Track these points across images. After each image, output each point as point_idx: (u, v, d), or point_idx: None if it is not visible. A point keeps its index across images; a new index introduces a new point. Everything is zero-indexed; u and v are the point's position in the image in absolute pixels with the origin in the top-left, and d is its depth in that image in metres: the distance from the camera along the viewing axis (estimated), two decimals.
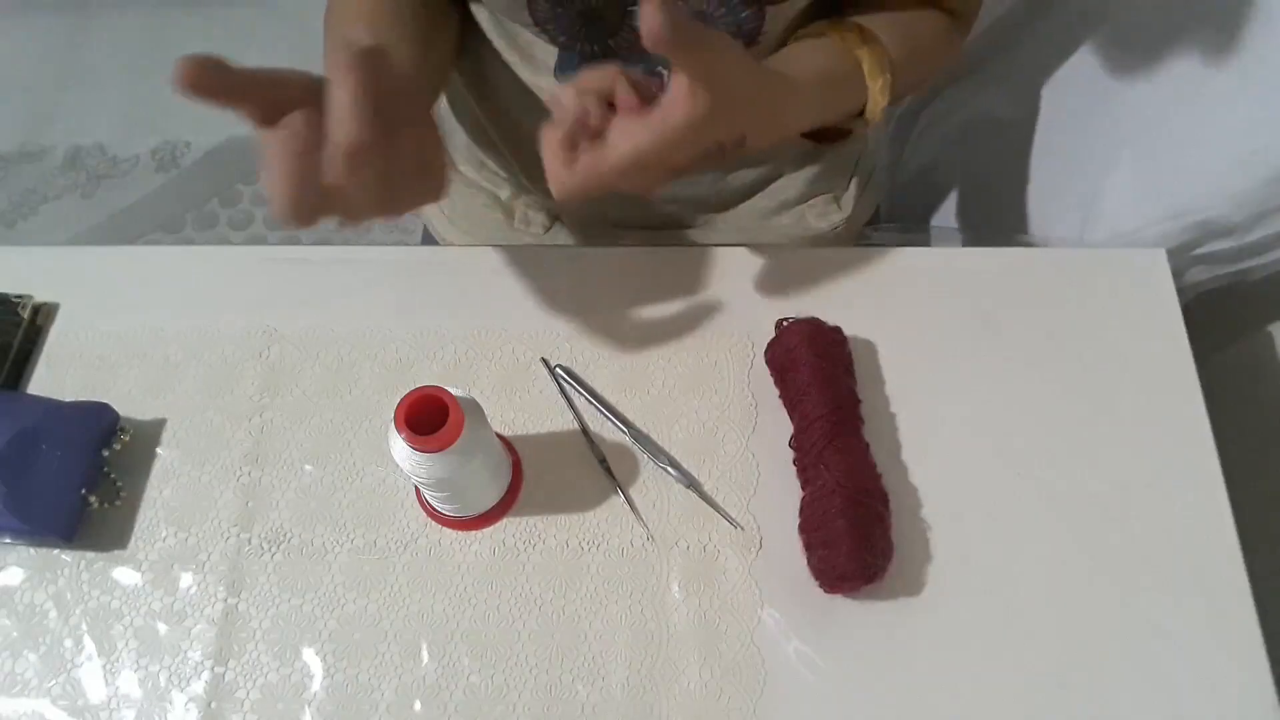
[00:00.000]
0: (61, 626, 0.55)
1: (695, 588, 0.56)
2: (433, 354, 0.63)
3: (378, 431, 0.61)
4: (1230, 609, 0.55)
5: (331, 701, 0.53)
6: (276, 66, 0.45)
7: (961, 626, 0.55)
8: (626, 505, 0.58)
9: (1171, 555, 0.56)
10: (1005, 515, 0.57)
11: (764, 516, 0.58)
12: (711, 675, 0.53)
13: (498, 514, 0.58)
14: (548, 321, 0.64)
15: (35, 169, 1.64)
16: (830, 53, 0.59)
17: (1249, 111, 0.60)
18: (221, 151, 1.67)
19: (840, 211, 0.79)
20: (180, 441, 0.60)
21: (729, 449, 0.60)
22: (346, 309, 0.65)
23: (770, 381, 0.61)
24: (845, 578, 0.53)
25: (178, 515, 0.58)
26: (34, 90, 1.72)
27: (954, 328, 0.63)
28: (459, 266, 0.67)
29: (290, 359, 0.63)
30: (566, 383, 0.62)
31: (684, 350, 0.63)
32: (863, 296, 0.65)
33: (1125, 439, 0.59)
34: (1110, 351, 0.62)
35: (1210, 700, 0.53)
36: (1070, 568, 0.56)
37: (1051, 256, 0.67)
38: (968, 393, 0.61)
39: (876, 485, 0.56)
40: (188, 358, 0.63)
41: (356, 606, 0.56)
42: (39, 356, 0.63)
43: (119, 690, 0.54)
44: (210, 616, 0.55)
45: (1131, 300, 0.64)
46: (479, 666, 0.54)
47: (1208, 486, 0.58)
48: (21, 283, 0.65)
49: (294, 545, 0.57)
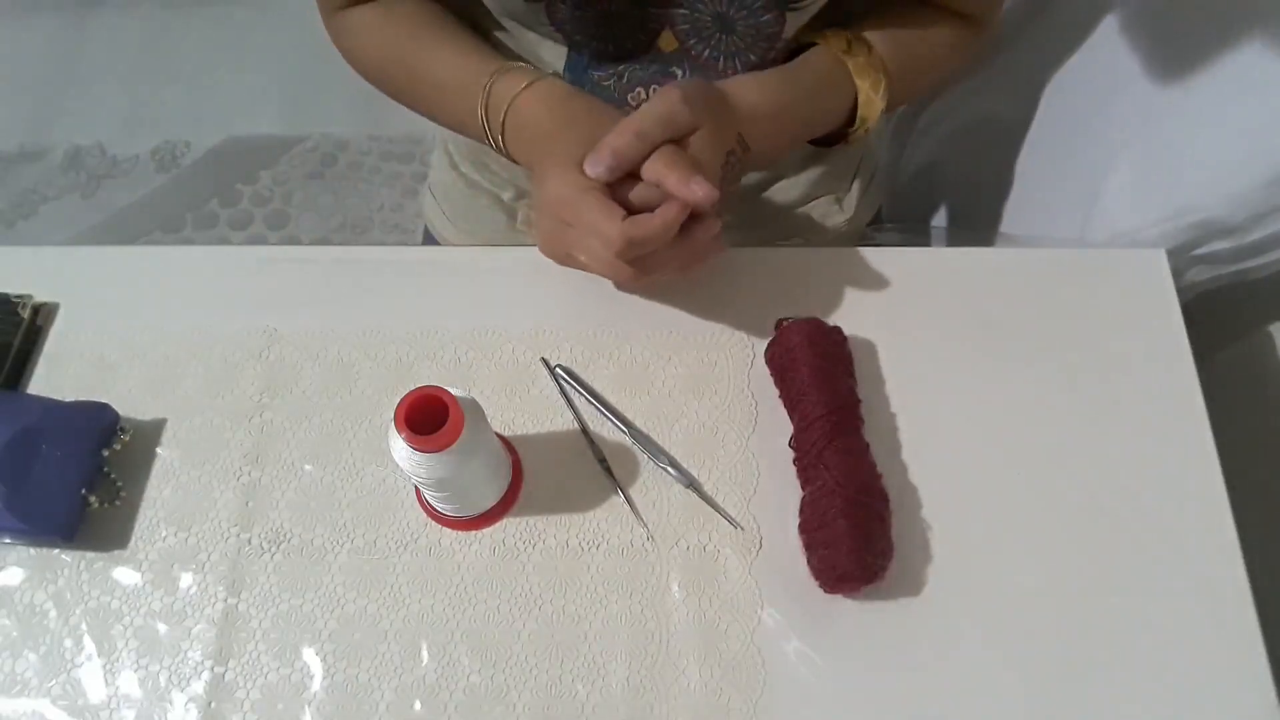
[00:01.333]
0: (61, 626, 0.55)
1: (695, 588, 0.56)
2: (433, 354, 0.63)
3: (378, 431, 0.61)
4: (1230, 609, 0.55)
5: (331, 701, 0.53)
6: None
7: (962, 626, 0.55)
8: (626, 505, 0.58)
9: (1171, 555, 0.56)
10: (1005, 515, 0.57)
11: (764, 516, 0.58)
12: (711, 675, 0.53)
13: (498, 514, 0.58)
14: (548, 321, 0.64)
15: (35, 169, 1.64)
16: (814, 63, 0.62)
17: (1249, 111, 0.60)
18: (221, 151, 1.67)
19: (842, 213, 0.79)
20: (180, 441, 0.60)
21: (729, 449, 0.60)
22: (346, 309, 0.65)
23: (770, 381, 0.61)
24: (845, 578, 0.53)
25: (178, 515, 0.58)
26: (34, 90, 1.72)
27: (954, 328, 0.63)
28: (459, 266, 0.67)
29: (290, 359, 0.63)
30: (566, 383, 0.62)
31: (684, 350, 0.63)
32: (863, 296, 0.65)
33: (1125, 439, 0.59)
34: (1110, 351, 0.62)
35: (1210, 700, 0.53)
36: (1070, 567, 0.56)
37: (1051, 256, 0.67)
38: (968, 393, 0.61)
39: (876, 485, 0.56)
40: (188, 358, 0.63)
41: (356, 606, 0.56)
42: (39, 356, 0.63)
43: (119, 690, 0.54)
44: (210, 616, 0.55)
45: (1131, 300, 0.64)
46: (479, 666, 0.54)
47: (1208, 486, 0.58)
48: (21, 283, 0.65)
49: (294, 545, 0.57)
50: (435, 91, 0.65)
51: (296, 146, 1.67)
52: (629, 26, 0.62)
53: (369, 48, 0.68)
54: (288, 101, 1.71)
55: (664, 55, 0.64)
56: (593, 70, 0.66)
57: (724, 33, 0.61)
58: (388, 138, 1.66)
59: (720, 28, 0.61)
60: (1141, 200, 0.69)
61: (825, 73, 0.63)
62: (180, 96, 1.71)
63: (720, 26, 0.61)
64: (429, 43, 0.65)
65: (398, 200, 1.62)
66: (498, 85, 0.60)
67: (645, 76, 0.65)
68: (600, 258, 0.54)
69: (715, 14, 0.60)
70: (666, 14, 0.61)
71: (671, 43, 0.63)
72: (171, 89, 1.72)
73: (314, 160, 1.66)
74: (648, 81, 0.66)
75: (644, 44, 0.63)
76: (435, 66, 0.65)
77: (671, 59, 0.64)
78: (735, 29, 0.61)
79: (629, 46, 0.64)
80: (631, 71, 0.65)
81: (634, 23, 0.62)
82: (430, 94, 0.66)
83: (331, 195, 1.62)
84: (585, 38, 0.63)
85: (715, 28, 0.61)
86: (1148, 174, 0.69)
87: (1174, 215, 0.67)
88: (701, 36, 0.62)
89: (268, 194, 1.63)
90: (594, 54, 0.65)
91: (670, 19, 0.61)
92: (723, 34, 0.61)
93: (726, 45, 0.62)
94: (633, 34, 0.62)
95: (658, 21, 0.61)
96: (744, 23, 0.60)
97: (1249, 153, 0.61)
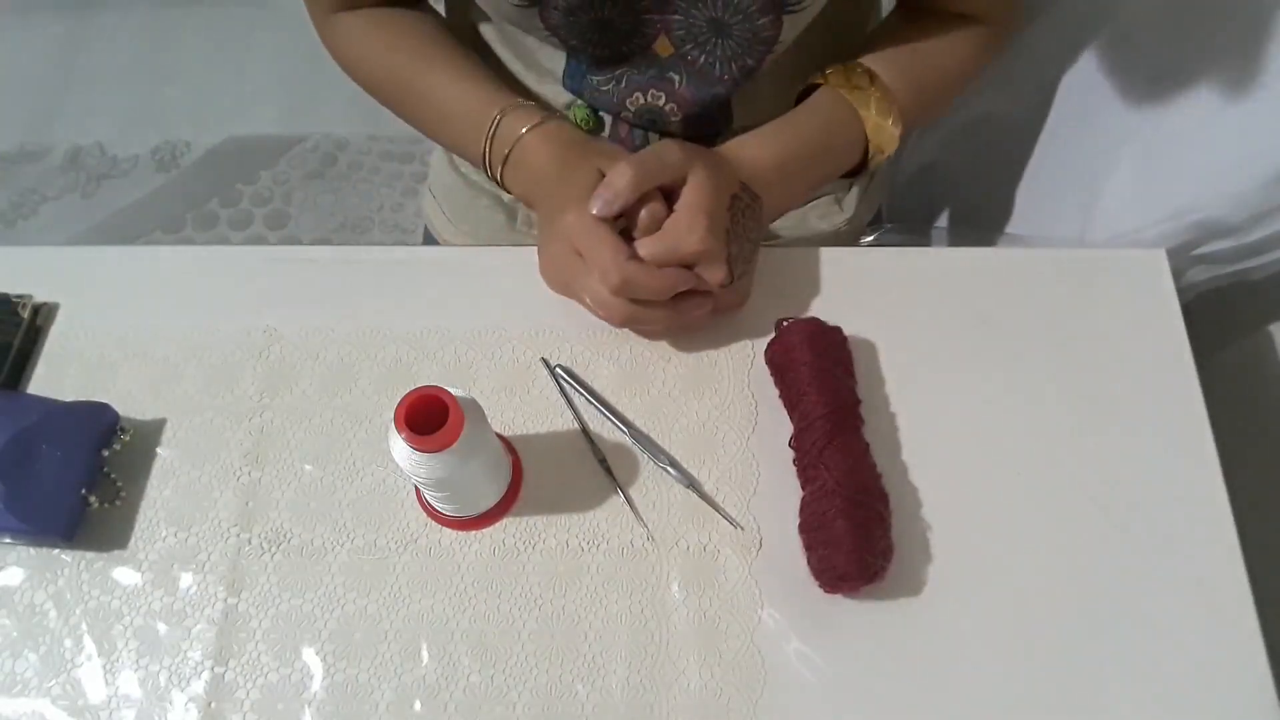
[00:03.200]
0: (61, 626, 0.55)
1: (695, 588, 0.56)
2: (433, 354, 0.63)
3: (378, 431, 0.61)
4: (1230, 609, 0.54)
5: (331, 701, 0.53)
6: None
7: (961, 626, 0.55)
8: (626, 505, 0.58)
9: (1171, 555, 0.56)
10: (1005, 515, 0.57)
11: (764, 516, 0.58)
12: (711, 675, 0.53)
13: (498, 514, 0.58)
14: (548, 321, 0.64)
15: (35, 169, 1.64)
16: (814, 105, 0.65)
17: (1249, 111, 0.60)
18: (221, 151, 1.67)
19: (842, 213, 0.79)
20: (180, 441, 0.60)
21: (729, 449, 0.60)
22: (346, 309, 0.65)
23: (770, 381, 0.61)
24: (845, 578, 0.53)
25: (178, 515, 0.58)
26: (34, 90, 1.72)
27: (954, 328, 0.63)
28: (459, 266, 0.67)
29: (290, 359, 0.63)
30: (566, 383, 0.62)
31: (684, 350, 0.63)
32: (863, 296, 0.65)
33: (1125, 439, 0.59)
34: (1110, 351, 0.62)
35: (1210, 700, 0.53)
36: (1070, 567, 0.56)
37: (1051, 256, 0.67)
38: (968, 393, 0.61)
39: (876, 485, 0.56)
40: (188, 358, 0.63)
41: (356, 606, 0.56)
42: (39, 356, 0.63)
43: (119, 690, 0.54)
44: (210, 616, 0.55)
45: (1131, 300, 0.64)
46: (479, 666, 0.54)
47: (1208, 486, 0.58)
48: (21, 283, 0.65)
49: (294, 545, 0.57)
50: (436, 115, 0.67)
51: (296, 146, 1.67)
52: (623, 32, 0.62)
53: (364, 58, 0.69)
54: (288, 101, 1.71)
55: (660, 60, 0.64)
56: (591, 75, 0.66)
57: (719, 37, 0.61)
58: (388, 138, 1.66)
59: (716, 32, 0.61)
60: (1141, 200, 0.69)
61: (828, 112, 0.64)
62: (180, 96, 1.71)
63: (716, 31, 0.61)
64: (433, 64, 0.66)
65: (398, 200, 1.62)
66: (506, 120, 0.63)
67: (643, 81, 0.65)
68: (598, 292, 0.57)
69: (710, 19, 0.60)
70: (661, 20, 0.61)
71: (667, 48, 0.63)
72: (171, 89, 1.72)
73: (314, 160, 1.66)
74: (645, 86, 0.66)
75: (639, 49, 0.63)
76: (438, 91, 0.66)
77: (668, 64, 0.64)
78: (731, 34, 0.61)
79: (624, 51, 0.64)
80: (629, 76, 0.65)
81: (628, 28, 0.61)
82: (430, 116, 0.68)
83: (331, 195, 1.63)
84: (580, 43, 0.63)
85: (711, 33, 0.61)
86: (1148, 174, 0.69)
87: (1174, 215, 0.67)
88: (697, 42, 0.62)
89: (268, 194, 1.63)
90: (591, 59, 0.65)
91: (665, 24, 0.61)
92: (718, 39, 0.61)
93: (722, 50, 0.62)
94: (627, 39, 0.62)
95: (653, 27, 0.61)
96: (740, 27, 0.60)
97: (1249, 153, 0.61)
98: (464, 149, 0.67)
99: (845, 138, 0.65)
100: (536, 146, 0.62)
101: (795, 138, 0.63)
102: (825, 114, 0.64)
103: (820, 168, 0.66)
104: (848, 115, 0.64)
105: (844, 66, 0.65)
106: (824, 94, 0.65)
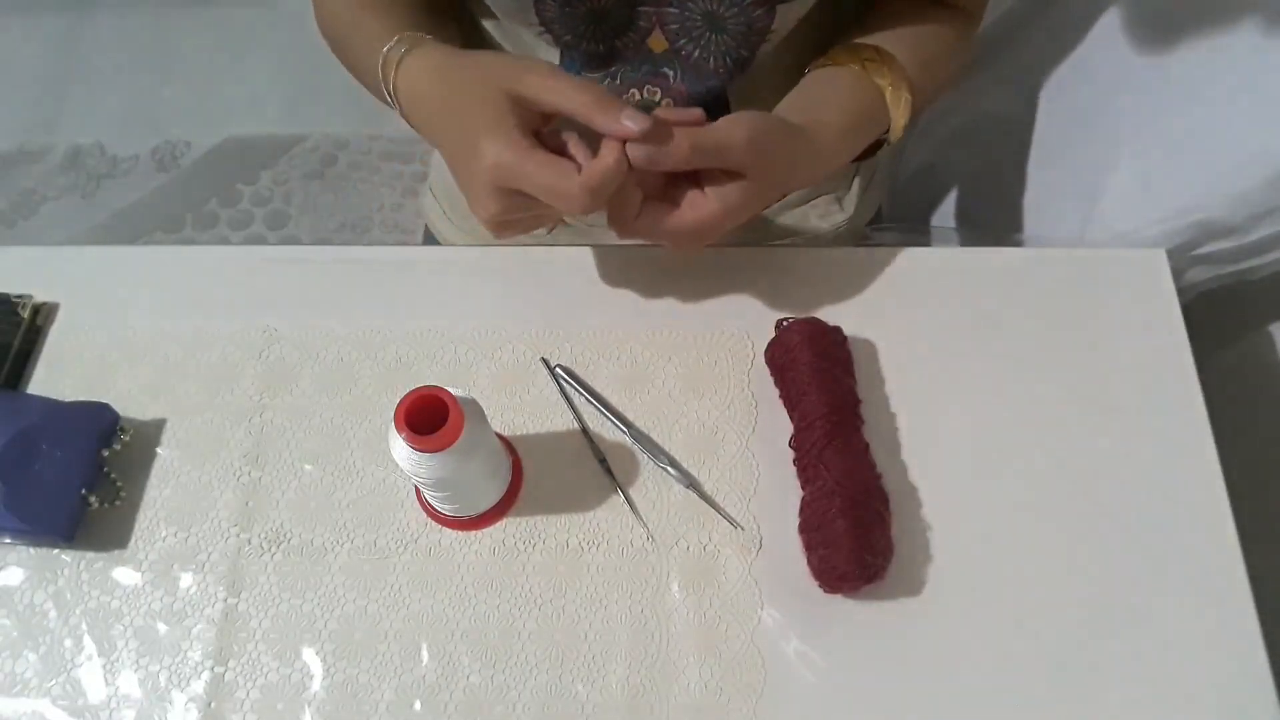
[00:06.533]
0: (61, 626, 0.55)
1: (695, 588, 0.56)
2: (433, 354, 0.63)
3: (378, 431, 0.61)
4: (1230, 609, 0.55)
5: (331, 701, 0.53)
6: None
7: (961, 626, 0.55)
8: (626, 505, 0.58)
9: (1171, 554, 0.56)
10: (1005, 515, 0.57)
11: (764, 516, 0.58)
12: (711, 675, 0.53)
13: (498, 514, 0.58)
14: (548, 321, 0.64)
15: (35, 169, 1.64)
16: (853, 88, 0.62)
17: (1249, 111, 0.60)
18: (221, 151, 1.67)
19: (842, 212, 0.79)
20: (180, 441, 0.60)
21: (729, 449, 0.60)
22: (346, 309, 0.65)
23: (770, 381, 0.61)
24: (845, 578, 0.53)
25: (178, 515, 0.58)
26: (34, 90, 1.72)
27: (954, 328, 0.63)
28: (459, 266, 0.67)
29: (290, 359, 0.63)
30: (566, 383, 0.62)
31: (684, 350, 0.63)
32: (863, 296, 0.65)
33: (1125, 438, 0.59)
34: (1110, 351, 0.62)
35: (1210, 699, 0.53)
36: (1070, 567, 0.56)
37: (1051, 256, 0.67)
38: (968, 392, 0.61)
39: (876, 485, 0.56)
40: (188, 358, 0.63)
41: (356, 606, 0.56)
42: (39, 356, 0.63)
43: (119, 690, 0.54)
44: (210, 616, 0.55)
45: (1131, 300, 0.64)
46: (479, 666, 0.54)
47: (1208, 486, 0.58)
48: (21, 283, 0.65)
49: (294, 545, 0.57)
50: (362, 66, 0.61)
51: (296, 146, 1.67)
52: (617, 26, 0.62)
53: (323, 5, 0.65)
54: (288, 101, 1.71)
55: (654, 56, 0.64)
56: (585, 73, 0.66)
57: (714, 31, 0.61)
58: (388, 138, 1.66)
59: (710, 26, 0.61)
60: (1141, 200, 0.69)
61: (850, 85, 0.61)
62: (180, 96, 1.71)
63: (710, 25, 0.61)
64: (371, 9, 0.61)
65: (398, 200, 1.62)
66: (392, 49, 0.56)
67: (637, 78, 0.65)
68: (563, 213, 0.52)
69: (705, 12, 0.60)
70: (657, 13, 0.61)
71: (661, 43, 0.63)
72: (171, 89, 1.72)
73: (314, 160, 1.66)
74: (640, 82, 0.66)
75: (634, 44, 0.63)
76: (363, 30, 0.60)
77: (661, 60, 0.64)
78: (725, 28, 0.61)
79: (618, 47, 0.63)
80: (623, 73, 0.65)
81: (623, 22, 0.61)
82: (359, 65, 0.62)
83: (331, 195, 1.62)
84: (574, 38, 0.62)
85: (705, 26, 0.61)
86: (1148, 174, 0.69)
87: (1174, 215, 0.67)
88: (691, 36, 0.62)
89: (267, 194, 1.62)
90: (585, 56, 0.65)
91: (661, 18, 0.61)
92: (712, 33, 0.61)
93: (716, 44, 0.62)
94: (621, 34, 0.62)
95: (648, 21, 0.61)
96: (734, 20, 0.60)
97: (1249, 153, 0.61)
98: (382, 96, 0.60)
99: (875, 107, 0.62)
100: (418, 77, 0.55)
101: (845, 110, 0.60)
102: (847, 88, 0.61)
103: (866, 135, 0.63)
104: (868, 85, 0.61)
105: (847, 45, 0.63)
106: (837, 71, 0.62)
